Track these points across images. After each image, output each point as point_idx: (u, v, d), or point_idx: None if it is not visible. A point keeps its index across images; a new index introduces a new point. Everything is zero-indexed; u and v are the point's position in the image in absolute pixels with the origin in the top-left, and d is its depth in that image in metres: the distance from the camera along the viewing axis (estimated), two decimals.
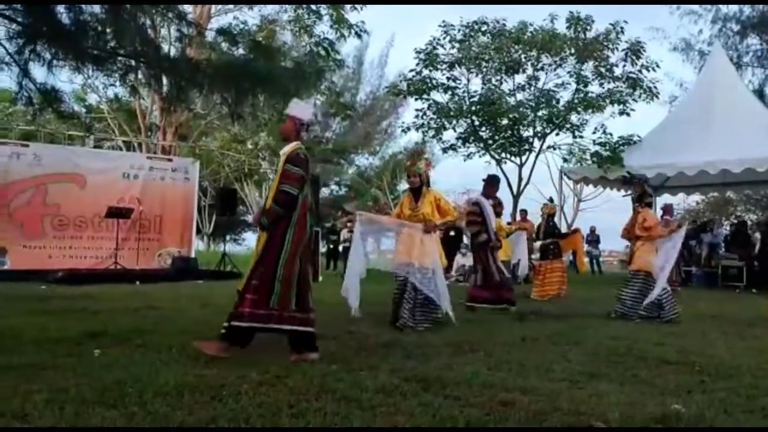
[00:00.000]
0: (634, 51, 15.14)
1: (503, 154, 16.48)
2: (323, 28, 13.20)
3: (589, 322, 6.90)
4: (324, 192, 30.77)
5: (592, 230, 20.19)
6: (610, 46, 15.35)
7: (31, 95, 6.61)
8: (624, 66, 15.48)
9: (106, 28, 6.17)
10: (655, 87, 15.40)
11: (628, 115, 15.52)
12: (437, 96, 16.19)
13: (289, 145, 4.49)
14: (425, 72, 15.89)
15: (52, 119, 15.74)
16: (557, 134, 16.21)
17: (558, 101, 15.75)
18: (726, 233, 17.48)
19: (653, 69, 15.24)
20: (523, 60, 16.09)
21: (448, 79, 16.13)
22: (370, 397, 3.28)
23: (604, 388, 3.67)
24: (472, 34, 16.00)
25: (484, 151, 16.51)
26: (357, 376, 3.76)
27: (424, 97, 16.08)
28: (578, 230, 12.16)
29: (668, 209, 13.06)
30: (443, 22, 15.85)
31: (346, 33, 12.66)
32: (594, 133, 15.41)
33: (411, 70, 16.07)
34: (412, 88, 16.09)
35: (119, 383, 3.41)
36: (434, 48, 15.87)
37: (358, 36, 13.09)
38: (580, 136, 15.71)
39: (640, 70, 15.26)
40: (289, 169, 4.34)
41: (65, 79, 15.91)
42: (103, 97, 23.68)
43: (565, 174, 15.87)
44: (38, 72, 6.42)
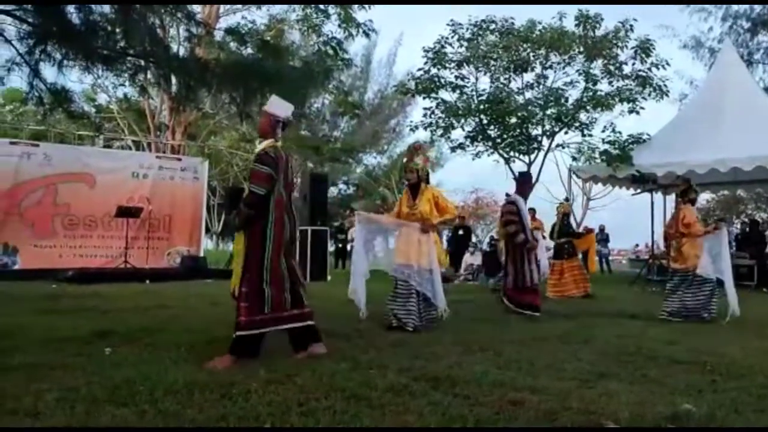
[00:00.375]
0: (644, 49, 15.06)
1: (512, 153, 16.44)
2: (331, 28, 13.18)
3: (598, 321, 6.87)
4: (332, 191, 30.84)
5: (601, 229, 20.14)
6: (620, 44, 15.27)
7: (42, 95, 6.65)
8: (633, 64, 15.40)
9: (115, 28, 6.19)
10: (664, 85, 15.32)
11: (638, 113, 15.44)
12: (445, 95, 16.18)
13: (264, 142, 4.40)
14: (433, 71, 15.88)
15: (62, 119, 15.83)
16: (566, 133, 16.16)
17: (567, 100, 15.69)
18: (737, 232, 17.36)
19: (663, 67, 15.16)
20: (532, 58, 16.04)
21: (457, 78, 16.11)
22: (380, 396, 3.28)
23: (614, 388, 3.65)
24: (481, 32, 15.97)
25: (493, 150, 16.48)
26: (366, 374, 3.75)
27: (433, 95, 16.06)
28: (593, 230, 12.10)
29: None
30: (451, 20, 15.85)
31: (354, 32, 12.66)
32: (603, 132, 15.36)
33: (419, 69, 16.07)
34: (420, 87, 16.08)
35: (129, 382, 3.43)
36: (442, 47, 15.85)
37: (366, 35, 13.08)
38: (589, 135, 15.66)
39: (649, 68, 15.18)
40: (257, 168, 4.24)
41: (75, 79, 16.05)
42: (113, 97, 23.81)
43: (574, 173, 15.80)
44: (48, 72, 6.47)
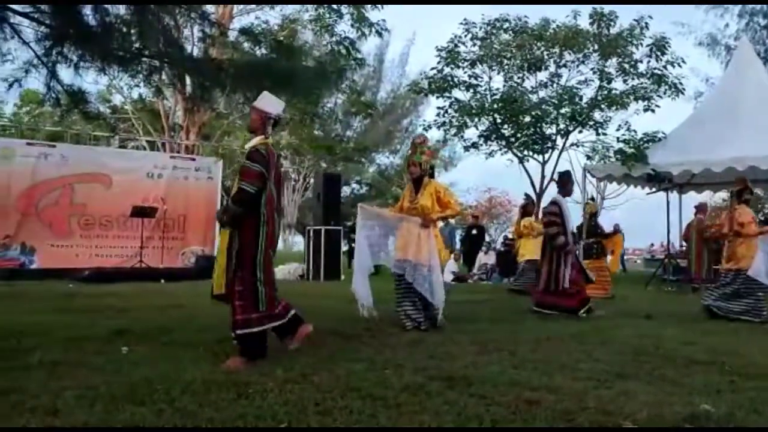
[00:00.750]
0: (659, 47, 14.94)
1: (525, 152, 16.37)
2: (344, 27, 13.20)
3: (614, 322, 6.82)
4: (345, 191, 30.84)
5: (616, 228, 20.00)
6: (635, 42, 15.16)
7: (59, 96, 6.70)
8: (648, 62, 15.28)
9: (131, 29, 6.23)
10: (680, 83, 15.19)
11: (653, 111, 15.32)
12: (459, 94, 16.15)
13: (254, 139, 4.38)
14: (447, 70, 15.85)
15: (78, 120, 15.97)
16: (580, 131, 16.07)
17: (581, 98, 15.61)
18: None
19: (678, 65, 15.03)
20: (546, 57, 15.97)
21: (470, 77, 16.07)
22: (396, 396, 3.28)
23: (631, 388, 3.63)
24: (494, 31, 15.92)
25: (506, 149, 16.42)
26: (382, 374, 3.76)
27: (446, 95, 16.04)
28: (620, 230, 11.96)
29: (703, 208, 12.86)
30: (464, 20, 15.82)
31: (366, 32, 12.67)
32: (618, 130, 15.25)
33: (432, 68, 16.05)
34: (433, 86, 16.06)
35: (147, 380, 3.46)
36: (456, 46, 15.82)
37: (379, 34, 13.08)
38: (604, 134, 15.55)
39: (665, 66, 15.06)
40: (248, 165, 4.21)
41: (90, 81, 16.15)
42: (128, 98, 24.00)
43: (589, 172, 15.70)
44: (65, 73, 6.52)
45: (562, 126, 15.90)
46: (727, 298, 7.29)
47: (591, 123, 15.62)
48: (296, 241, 31.46)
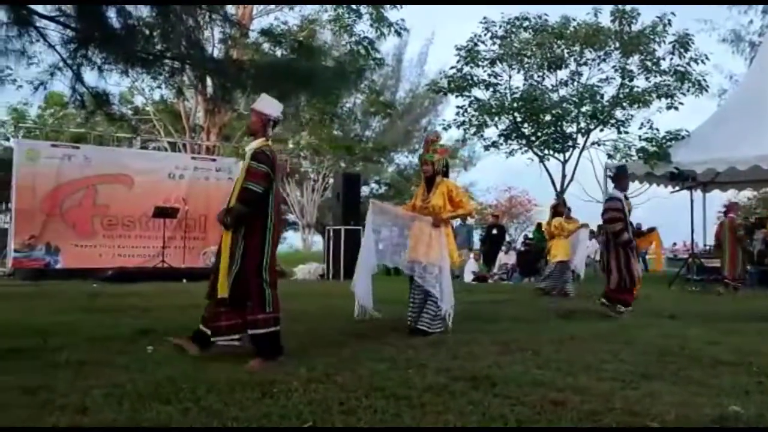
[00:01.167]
0: (683, 43, 14.76)
1: (546, 151, 16.27)
2: (363, 27, 13.21)
3: (638, 321, 6.75)
4: (364, 190, 30.88)
5: (638, 227, 19.78)
6: (657, 39, 14.99)
7: (83, 98, 6.79)
8: (671, 59, 15.10)
9: (154, 32, 6.29)
10: (704, 80, 14.99)
11: (676, 109, 15.14)
12: (478, 93, 16.09)
13: (256, 141, 4.38)
14: (466, 69, 15.80)
15: (101, 121, 16.17)
16: (601, 130, 15.94)
17: (602, 96, 15.47)
18: None
19: (702, 62, 14.84)
20: (566, 55, 15.86)
21: (490, 76, 16.00)
22: (419, 395, 3.27)
23: (657, 389, 3.58)
24: (514, 30, 15.84)
25: (527, 148, 16.33)
26: (405, 374, 3.75)
27: (465, 94, 15.98)
28: (655, 229, 11.74)
29: (733, 207, 12.68)
30: (484, 18, 15.75)
31: (386, 31, 12.66)
32: (640, 129, 15.10)
33: (452, 67, 16.00)
34: (453, 85, 16.01)
35: (172, 379, 3.48)
36: (475, 44, 15.76)
37: (398, 34, 13.07)
38: (626, 132, 15.40)
39: (688, 63, 14.87)
40: (254, 166, 4.20)
41: (113, 83, 16.34)
42: (149, 99, 24.25)
43: (610, 170, 15.57)
44: (89, 76, 6.61)
45: (582, 124, 15.78)
46: None
47: (612, 121, 15.48)
48: (316, 241, 31.54)
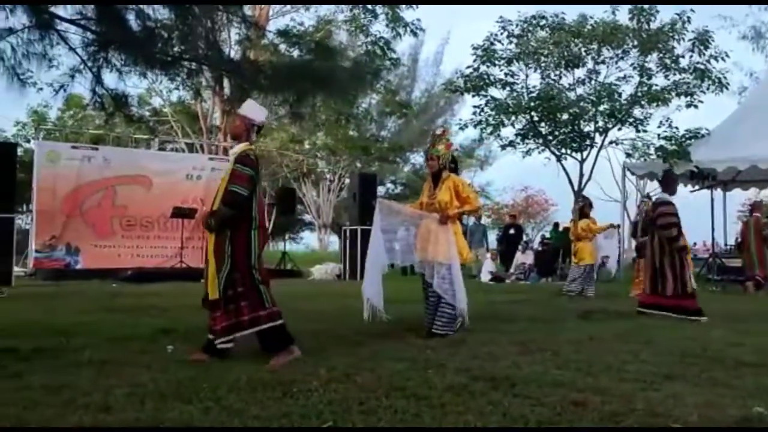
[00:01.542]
0: (702, 41, 14.58)
1: (563, 150, 16.15)
2: (379, 27, 13.23)
3: (657, 321, 6.69)
4: (380, 190, 30.92)
5: None
6: (676, 37, 14.83)
7: (103, 100, 6.87)
8: (691, 56, 14.93)
9: (172, 33, 6.35)
10: (724, 77, 14.80)
11: (696, 107, 14.96)
12: (495, 92, 16.00)
13: (239, 145, 4.42)
14: (483, 68, 15.73)
15: (119, 123, 16.34)
16: (619, 129, 15.76)
17: (620, 95, 15.33)
18: None
19: (722, 59, 14.65)
20: (583, 54, 15.71)
21: (506, 75, 15.90)
22: (439, 396, 3.27)
23: (679, 390, 3.55)
24: (530, 28, 15.74)
25: (544, 147, 16.22)
26: (425, 374, 3.74)
27: (482, 93, 15.91)
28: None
29: (759, 206, 12.52)
30: (500, 17, 15.67)
31: (401, 31, 12.67)
32: (659, 127, 14.94)
33: (468, 67, 15.94)
34: (469, 85, 15.95)
35: (193, 379, 3.51)
36: (492, 44, 15.69)
37: (414, 34, 13.09)
38: (644, 131, 15.24)
39: (708, 61, 14.69)
40: (239, 169, 4.24)
41: (131, 84, 16.50)
42: (166, 101, 24.45)
43: (629, 169, 15.44)
44: (108, 78, 6.69)
45: (600, 123, 15.64)
46: None
47: (630, 120, 15.33)
48: (332, 241, 31.63)
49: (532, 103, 15.45)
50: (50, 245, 12.89)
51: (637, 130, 15.29)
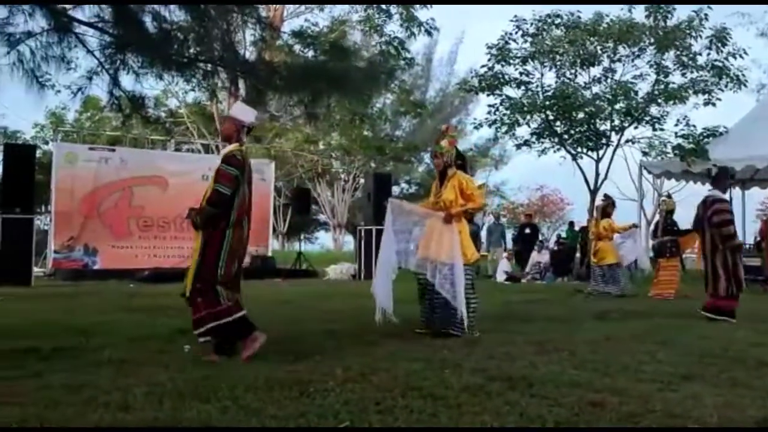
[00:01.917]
0: (720, 38, 14.43)
1: (579, 149, 16.07)
2: (393, 27, 13.22)
3: (675, 322, 6.63)
4: (395, 190, 30.92)
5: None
6: (693, 34, 14.69)
7: (120, 102, 6.92)
8: (708, 54, 14.78)
9: (188, 35, 6.39)
10: (742, 75, 14.64)
11: (714, 105, 14.82)
12: (510, 91, 15.95)
13: (230, 146, 4.53)
14: (497, 67, 15.68)
15: (135, 124, 16.48)
16: (636, 127, 15.66)
17: (636, 93, 15.22)
18: None
19: (740, 56, 14.49)
20: (599, 52, 15.63)
21: (521, 74, 15.85)
22: (456, 396, 3.27)
23: (698, 390, 3.51)
24: (545, 27, 15.67)
25: (559, 146, 16.15)
26: (441, 374, 3.75)
27: (497, 92, 15.87)
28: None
29: None
30: (515, 16, 15.61)
31: (416, 31, 12.64)
32: (676, 126, 14.81)
33: (483, 66, 15.90)
34: (484, 84, 15.91)
35: (210, 378, 3.54)
36: (506, 43, 15.64)
37: (428, 33, 13.03)
38: (661, 129, 15.12)
39: (726, 58, 14.54)
40: (224, 168, 4.35)
41: (147, 86, 16.60)
42: (183, 102, 24.61)
43: (645, 168, 15.32)
44: (125, 80, 6.75)
45: (616, 122, 15.54)
46: None
47: (647, 118, 15.22)
48: (347, 241, 31.68)
49: (548, 102, 15.39)
50: (68, 246, 13.03)
51: (654, 129, 15.18)
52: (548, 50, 15.43)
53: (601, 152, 15.94)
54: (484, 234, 17.40)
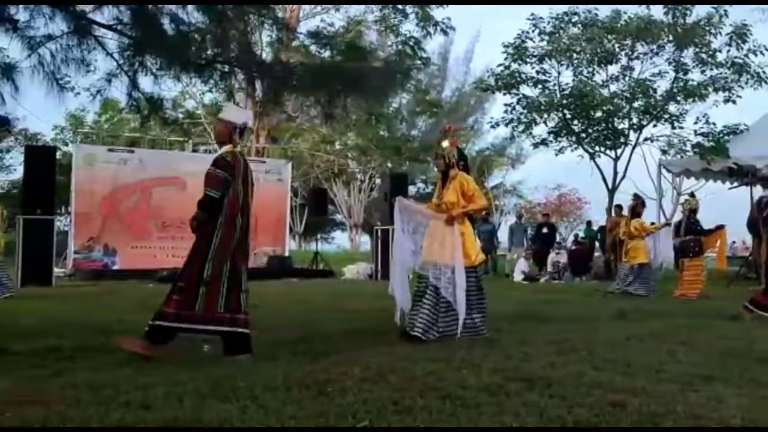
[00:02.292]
0: (740, 34, 14.26)
1: (597, 148, 15.96)
2: (409, 27, 13.22)
3: (695, 322, 6.54)
4: (411, 190, 30.91)
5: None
6: (713, 31, 14.53)
7: (139, 104, 6.99)
8: (728, 51, 14.61)
9: (206, 37, 6.43)
10: (763, 72, 14.45)
11: (734, 102, 14.65)
12: (527, 90, 15.89)
13: (223, 148, 4.56)
14: (514, 66, 15.63)
15: (153, 125, 16.61)
16: (654, 126, 15.54)
17: (655, 91, 15.09)
18: None
19: (762, 53, 14.31)
20: (617, 50, 15.52)
21: (538, 73, 15.79)
22: (474, 396, 3.25)
23: (721, 391, 3.46)
24: (563, 25, 15.59)
25: (577, 145, 16.05)
26: (459, 374, 3.73)
27: (513, 91, 15.81)
28: (723, 226, 11.20)
29: None
30: (532, 14, 15.55)
31: (431, 30, 12.65)
32: (695, 123, 14.67)
33: (499, 65, 15.85)
34: (500, 83, 15.86)
35: (229, 378, 3.55)
36: (523, 41, 15.57)
37: (444, 33, 13.05)
38: (680, 127, 14.99)
39: (746, 55, 14.36)
40: (212, 171, 4.38)
41: (165, 88, 16.74)
42: (200, 103, 24.78)
43: (664, 167, 15.17)
44: (143, 82, 6.81)
45: (635, 120, 15.42)
46: None
47: (666, 116, 15.08)
48: (363, 241, 31.71)
49: (565, 101, 15.32)
50: (88, 246, 13.18)
51: (673, 127, 15.05)
52: (565, 48, 15.35)
53: (620, 151, 15.83)
54: (504, 234, 17.34)
